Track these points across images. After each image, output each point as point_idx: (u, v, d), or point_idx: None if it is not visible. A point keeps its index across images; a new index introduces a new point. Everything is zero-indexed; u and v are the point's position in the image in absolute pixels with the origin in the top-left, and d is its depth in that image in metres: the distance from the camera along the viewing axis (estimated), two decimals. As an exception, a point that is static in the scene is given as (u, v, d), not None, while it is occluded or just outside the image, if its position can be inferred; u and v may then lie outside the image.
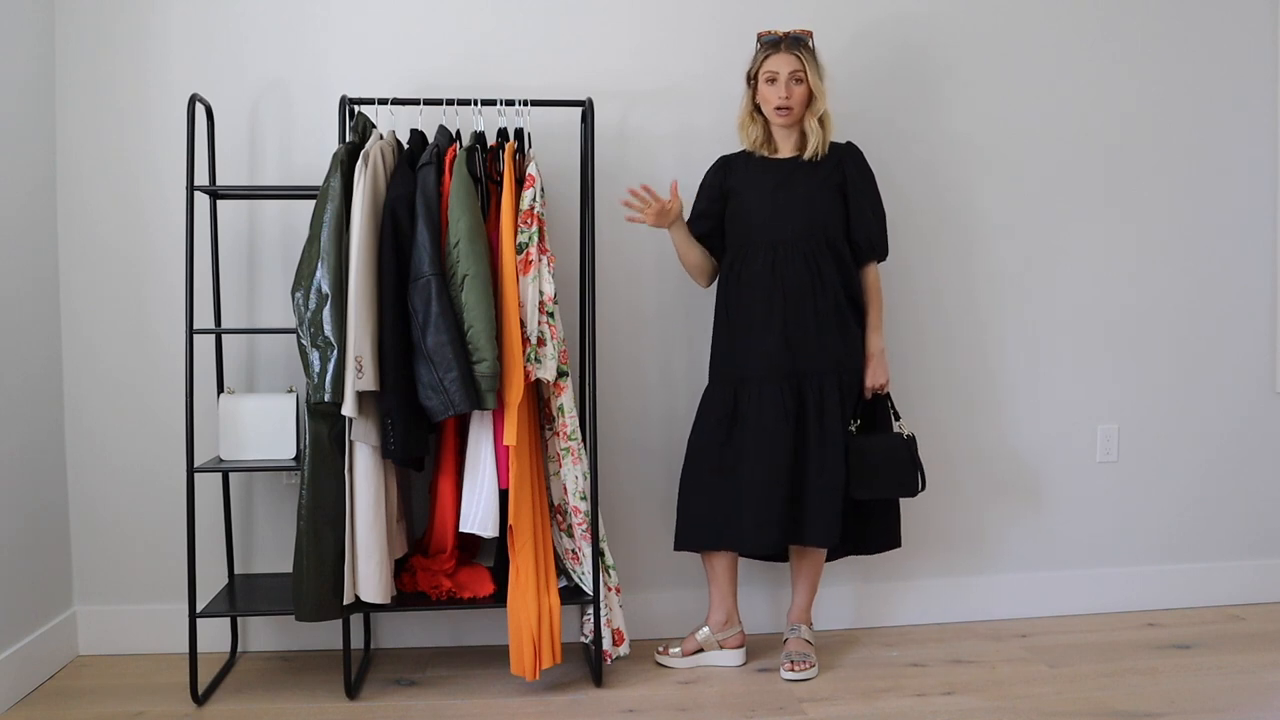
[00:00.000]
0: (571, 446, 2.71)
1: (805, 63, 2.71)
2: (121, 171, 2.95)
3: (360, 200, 2.53)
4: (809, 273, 2.74)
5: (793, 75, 2.71)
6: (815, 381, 2.75)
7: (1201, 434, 3.37)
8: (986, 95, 3.22)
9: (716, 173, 2.88)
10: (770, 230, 2.76)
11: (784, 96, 2.71)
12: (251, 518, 3.02)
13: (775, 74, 2.72)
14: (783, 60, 2.71)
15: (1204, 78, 3.32)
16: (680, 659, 2.88)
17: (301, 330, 2.53)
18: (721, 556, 2.87)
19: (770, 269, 2.75)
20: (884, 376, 2.80)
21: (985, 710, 2.59)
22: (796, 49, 2.72)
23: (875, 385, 2.79)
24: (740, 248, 2.80)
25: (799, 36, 2.74)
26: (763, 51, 2.76)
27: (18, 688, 2.65)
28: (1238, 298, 3.37)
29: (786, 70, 2.71)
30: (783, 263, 2.74)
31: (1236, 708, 2.58)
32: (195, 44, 2.96)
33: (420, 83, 2.97)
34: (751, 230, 2.78)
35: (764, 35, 2.78)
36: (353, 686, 2.69)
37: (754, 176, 2.81)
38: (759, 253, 2.77)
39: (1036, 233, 3.26)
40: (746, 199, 2.80)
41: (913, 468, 2.78)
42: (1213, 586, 3.37)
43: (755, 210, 2.78)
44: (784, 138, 2.82)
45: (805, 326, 2.74)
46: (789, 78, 2.71)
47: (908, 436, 2.80)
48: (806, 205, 2.75)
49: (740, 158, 2.87)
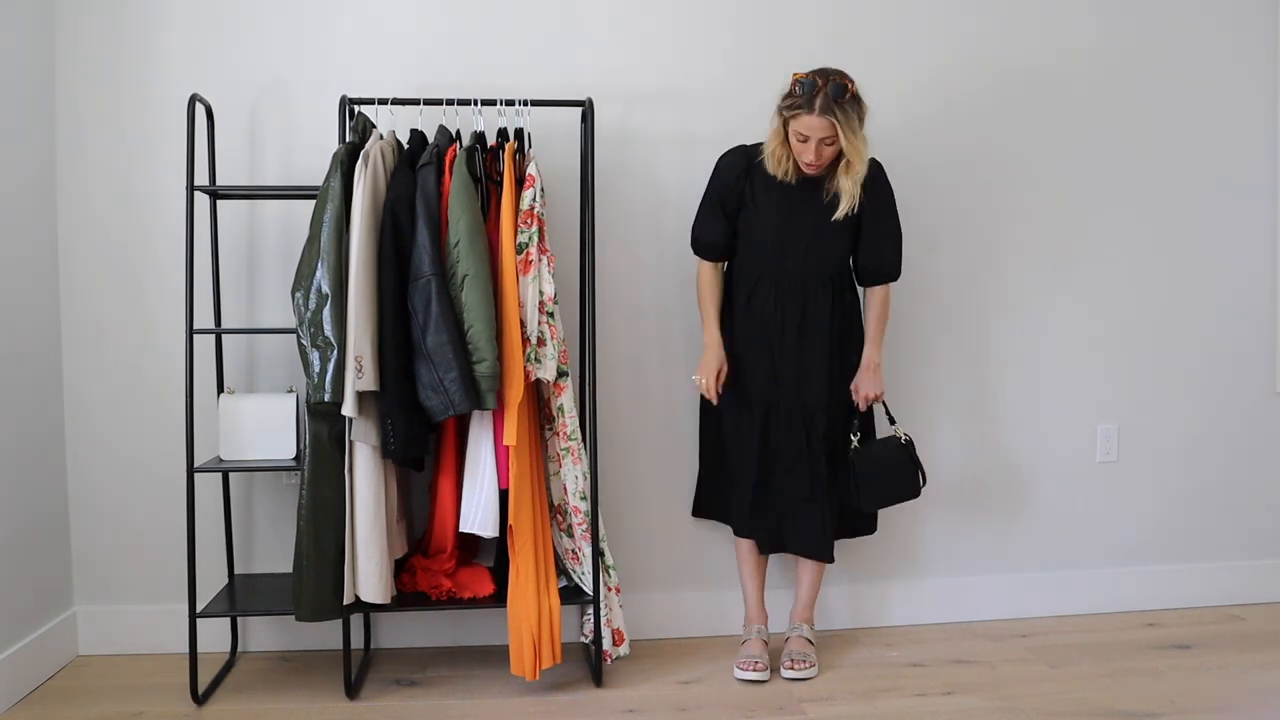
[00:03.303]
0: (571, 446, 2.71)
1: (840, 127, 2.49)
2: (121, 171, 2.95)
3: (360, 200, 2.53)
4: (809, 304, 2.74)
5: (823, 140, 2.54)
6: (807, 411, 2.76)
7: (1201, 434, 3.37)
8: (985, 100, 3.21)
9: (736, 162, 2.76)
10: (778, 258, 2.74)
11: (811, 161, 2.56)
12: (251, 518, 3.02)
13: (806, 136, 2.54)
14: (815, 124, 2.50)
15: (1204, 78, 3.32)
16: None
17: (301, 330, 2.53)
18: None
19: (774, 297, 2.75)
20: (877, 389, 2.79)
21: (985, 710, 2.59)
22: (831, 113, 2.48)
23: (868, 396, 2.79)
24: (747, 270, 2.79)
25: (837, 89, 2.48)
26: (795, 104, 2.53)
27: (18, 688, 2.65)
28: (1238, 298, 3.37)
29: (818, 136, 2.52)
30: (787, 293, 2.74)
31: (1236, 708, 2.59)
32: (195, 44, 2.96)
33: (420, 83, 2.97)
34: (762, 257, 2.76)
35: (800, 80, 2.52)
36: (353, 686, 2.69)
37: (774, 191, 2.72)
38: (765, 279, 2.75)
39: (1037, 233, 3.26)
40: (762, 215, 2.74)
41: (914, 469, 2.79)
42: (1213, 586, 3.37)
43: (767, 234, 2.74)
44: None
45: (804, 361, 2.75)
46: (819, 142, 2.54)
47: (905, 440, 2.80)
48: (816, 236, 2.72)
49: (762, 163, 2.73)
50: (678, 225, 3.02)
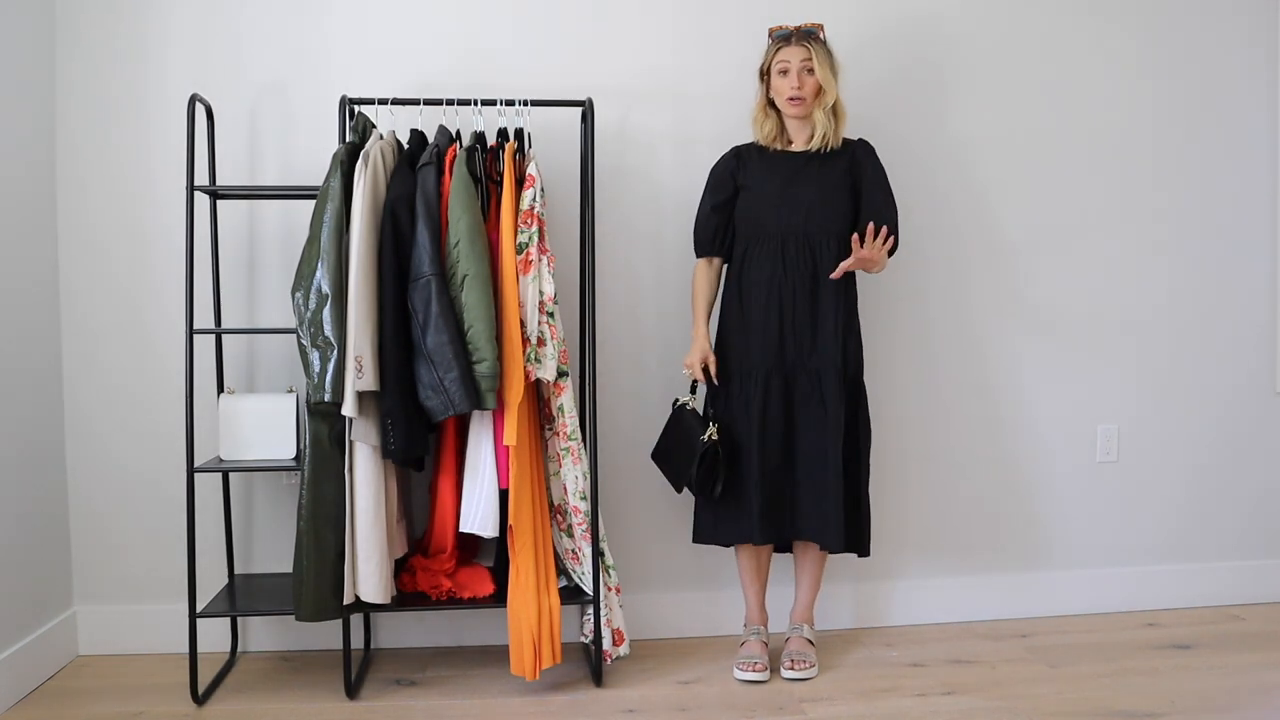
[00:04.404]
0: (571, 446, 2.71)
1: (815, 54, 2.73)
2: (121, 171, 2.95)
3: (360, 200, 2.53)
4: (815, 265, 2.75)
5: (804, 66, 2.73)
6: (811, 378, 2.74)
7: (1201, 434, 3.37)
8: (987, 97, 3.22)
9: (729, 161, 2.87)
10: (779, 223, 2.77)
11: (796, 87, 2.74)
12: (251, 518, 3.02)
13: (787, 65, 2.74)
14: (794, 52, 2.74)
15: (1204, 78, 3.32)
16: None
17: (301, 330, 2.53)
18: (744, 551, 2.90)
19: (779, 261, 2.76)
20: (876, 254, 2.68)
21: (985, 710, 2.59)
22: (807, 41, 2.75)
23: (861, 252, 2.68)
24: (749, 240, 2.81)
25: (810, 30, 2.78)
26: (774, 45, 2.79)
27: (18, 688, 2.65)
28: (1238, 298, 3.37)
29: (798, 61, 2.73)
30: (792, 256, 2.75)
31: (1236, 708, 2.59)
32: (195, 44, 2.96)
33: (420, 83, 2.97)
34: (762, 224, 2.79)
35: (775, 30, 2.81)
36: (353, 686, 2.69)
37: (766, 170, 2.82)
38: (768, 245, 2.77)
39: (1037, 233, 3.26)
40: (757, 192, 2.80)
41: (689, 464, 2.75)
42: (1213, 586, 3.37)
43: (766, 204, 2.78)
44: (797, 130, 2.82)
45: (804, 321, 2.74)
46: (800, 68, 2.73)
47: (707, 440, 2.73)
48: (817, 200, 2.76)
49: (752, 149, 2.87)
50: (677, 225, 3.03)
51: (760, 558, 2.91)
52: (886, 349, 3.16)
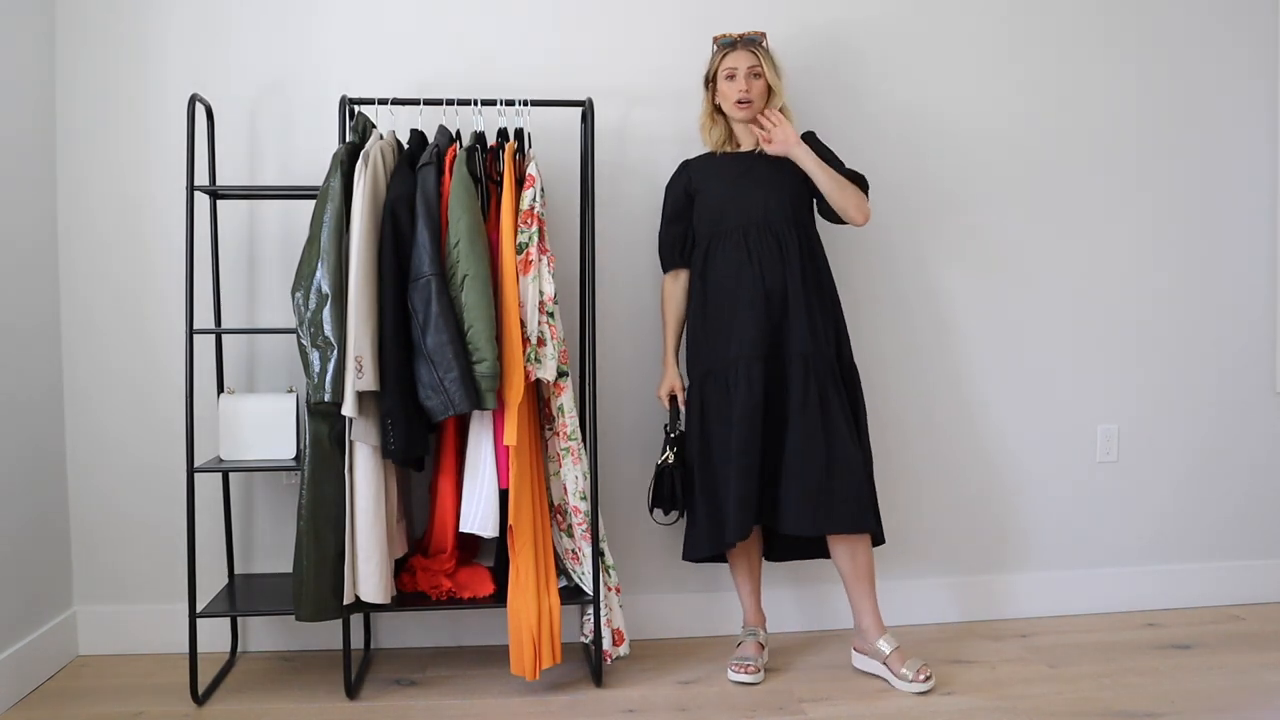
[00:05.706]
0: (571, 446, 2.71)
1: (762, 59, 2.79)
2: (121, 172, 2.95)
3: (360, 200, 2.53)
4: (780, 249, 2.76)
5: (750, 70, 2.78)
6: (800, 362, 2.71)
7: (1201, 434, 3.37)
8: (984, 94, 3.22)
9: (679, 175, 2.92)
10: (738, 214, 2.78)
11: (744, 90, 2.78)
12: (251, 518, 3.02)
13: (734, 70, 2.79)
14: (740, 57, 2.79)
15: (1203, 76, 3.32)
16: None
17: (301, 330, 2.53)
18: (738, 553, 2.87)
19: (744, 249, 2.76)
20: (785, 135, 2.76)
21: (985, 710, 2.59)
22: (752, 47, 2.80)
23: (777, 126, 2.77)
24: (710, 237, 2.82)
25: (753, 37, 2.82)
26: (719, 52, 2.83)
27: (18, 688, 2.65)
28: (1238, 298, 3.37)
29: (744, 66, 2.78)
30: (755, 242, 2.76)
31: (1236, 708, 2.58)
32: (195, 44, 2.96)
33: (420, 83, 2.98)
34: (721, 218, 2.80)
35: (720, 38, 2.85)
36: (353, 686, 2.69)
37: (717, 171, 2.85)
38: (730, 237, 2.78)
39: (1037, 233, 3.26)
40: (711, 191, 2.83)
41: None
42: (1213, 586, 3.37)
43: (722, 199, 2.81)
44: (745, 133, 2.86)
45: (784, 302, 2.74)
46: (747, 73, 2.78)
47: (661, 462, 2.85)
48: (773, 186, 2.79)
49: (701, 158, 2.91)
50: (678, 225, 3.02)
51: (750, 558, 2.90)
52: (886, 349, 3.16)
